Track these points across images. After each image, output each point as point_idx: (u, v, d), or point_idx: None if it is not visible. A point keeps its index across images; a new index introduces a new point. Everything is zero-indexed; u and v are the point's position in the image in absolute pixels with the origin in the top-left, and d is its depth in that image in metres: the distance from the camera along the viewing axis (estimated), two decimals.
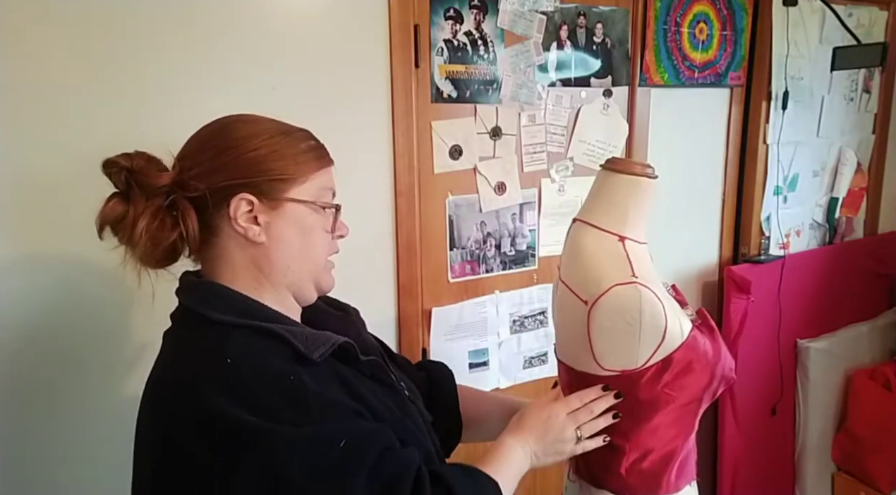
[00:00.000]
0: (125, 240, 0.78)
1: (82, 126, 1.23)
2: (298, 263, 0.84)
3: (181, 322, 0.84)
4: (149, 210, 0.77)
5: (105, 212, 0.78)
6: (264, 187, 0.80)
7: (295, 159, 0.82)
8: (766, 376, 2.33)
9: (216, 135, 0.82)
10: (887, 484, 2.36)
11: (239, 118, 0.84)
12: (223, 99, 1.34)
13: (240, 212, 0.79)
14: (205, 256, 0.84)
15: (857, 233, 2.64)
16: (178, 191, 0.79)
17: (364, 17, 1.49)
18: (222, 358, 0.73)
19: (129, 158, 0.79)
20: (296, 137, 0.84)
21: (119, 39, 1.24)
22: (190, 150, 0.82)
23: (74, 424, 1.29)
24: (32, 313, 1.23)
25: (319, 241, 0.85)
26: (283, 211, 0.81)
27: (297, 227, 0.83)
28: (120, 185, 0.79)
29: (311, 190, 0.83)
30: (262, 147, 0.80)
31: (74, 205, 1.24)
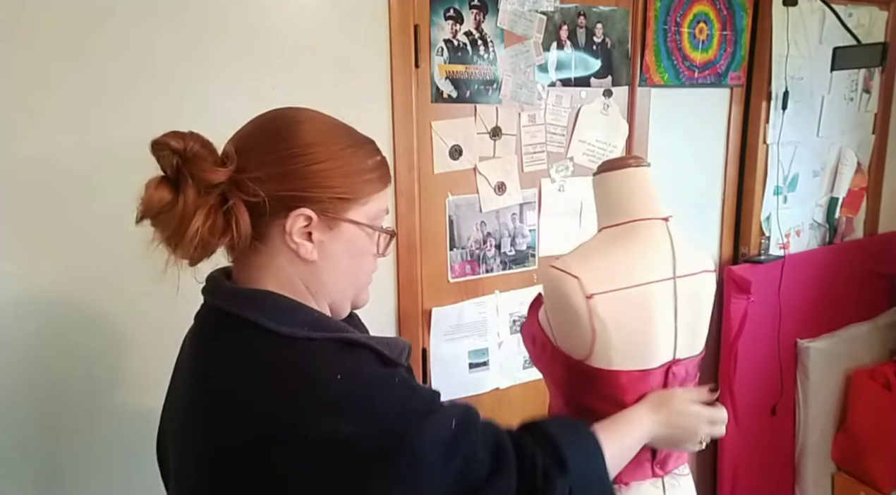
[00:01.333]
0: (170, 232, 0.70)
1: (82, 126, 1.23)
2: (344, 284, 0.80)
3: (228, 330, 0.74)
4: (203, 208, 0.69)
5: (152, 198, 0.69)
6: (326, 205, 0.74)
7: (361, 177, 0.76)
8: (766, 376, 2.33)
9: (281, 135, 0.74)
10: (887, 484, 2.36)
11: (307, 118, 0.78)
12: (223, 98, 1.34)
13: (296, 228, 0.73)
14: (247, 261, 0.77)
15: (857, 233, 2.64)
16: (236, 192, 0.71)
17: (364, 17, 1.49)
18: (330, 375, 0.69)
19: (183, 140, 0.70)
20: (364, 151, 0.78)
21: (119, 39, 1.24)
22: (250, 146, 0.74)
23: (82, 428, 1.29)
24: (35, 312, 1.23)
25: (367, 263, 0.82)
26: (339, 231, 0.76)
27: (349, 248, 0.78)
28: (169, 171, 0.70)
29: (371, 211, 0.79)
30: (330, 159, 0.74)
31: (76, 203, 1.24)
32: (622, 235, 1.05)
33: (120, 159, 1.27)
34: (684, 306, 1.03)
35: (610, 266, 1.00)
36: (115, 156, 1.26)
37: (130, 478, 1.33)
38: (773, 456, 2.43)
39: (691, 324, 1.05)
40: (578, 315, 0.97)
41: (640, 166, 1.09)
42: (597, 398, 1.02)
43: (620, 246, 1.03)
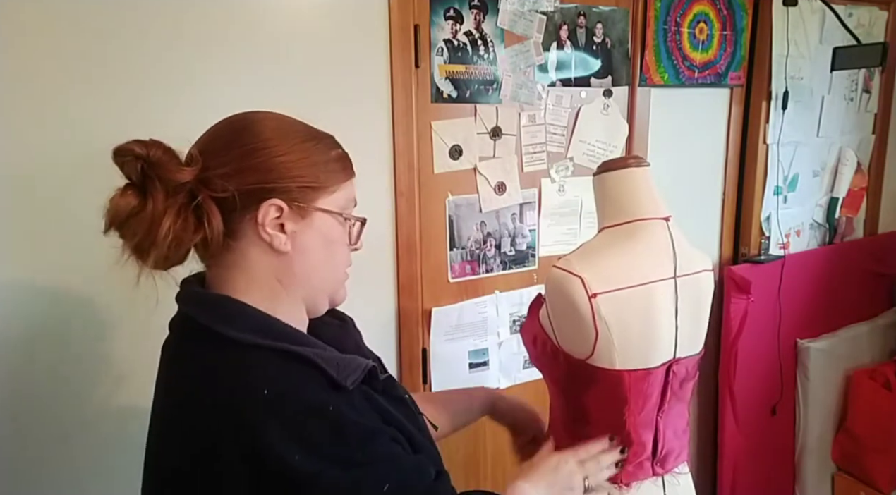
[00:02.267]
0: (140, 238, 0.70)
1: (82, 125, 1.23)
2: (319, 275, 0.80)
3: (190, 336, 0.77)
4: (172, 207, 0.70)
5: (118, 204, 0.70)
6: (295, 194, 0.75)
7: (326, 167, 0.78)
8: (766, 376, 2.33)
9: (243, 132, 0.77)
10: (887, 484, 2.36)
11: (265, 116, 0.80)
12: (223, 98, 1.34)
13: (268, 219, 0.74)
14: (219, 261, 0.77)
15: (857, 233, 2.64)
16: (203, 190, 0.72)
17: (364, 17, 1.49)
18: (258, 388, 0.68)
19: (145, 147, 0.71)
20: (325, 144, 0.80)
21: (119, 39, 1.24)
22: (214, 146, 0.76)
23: (71, 432, 1.29)
24: (29, 315, 1.23)
25: (341, 254, 0.83)
26: (310, 220, 0.77)
27: (322, 239, 0.79)
28: (134, 176, 0.72)
29: (339, 201, 0.80)
30: (293, 151, 0.76)
31: (71, 204, 1.24)
32: (624, 235, 1.05)
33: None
34: (685, 305, 1.04)
35: (613, 265, 1.00)
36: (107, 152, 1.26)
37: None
38: (773, 456, 2.43)
39: (692, 323, 1.05)
40: (581, 314, 0.97)
41: (641, 166, 1.09)
42: (598, 398, 1.02)
43: (623, 245, 1.03)
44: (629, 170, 1.09)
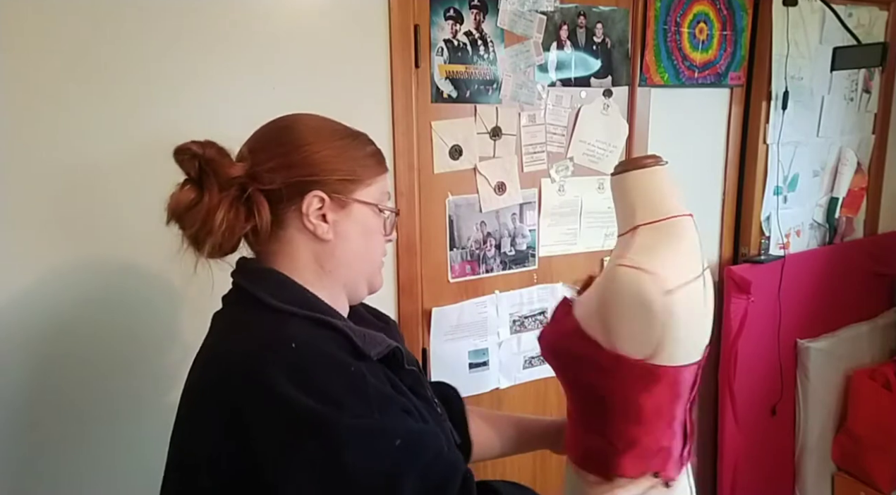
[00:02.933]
0: (197, 228, 0.78)
1: (82, 124, 1.23)
2: (358, 262, 0.88)
3: (235, 301, 0.85)
4: (226, 200, 0.79)
5: (178, 198, 0.79)
6: (336, 186, 0.83)
7: (362, 162, 0.86)
8: (766, 376, 2.33)
9: (286, 131, 0.85)
10: (887, 484, 2.36)
11: (306, 117, 0.88)
12: (223, 98, 1.34)
13: (311, 209, 0.82)
14: (267, 248, 0.85)
15: (857, 233, 2.64)
16: (253, 183, 0.80)
17: (364, 17, 1.49)
18: (287, 341, 0.74)
19: (201, 146, 0.80)
20: (360, 141, 0.88)
21: (119, 38, 1.24)
22: (260, 145, 0.85)
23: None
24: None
25: (377, 243, 0.90)
26: (350, 210, 0.85)
27: (360, 228, 0.86)
28: (192, 172, 0.80)
29: (375, 193, 0.87)
30: (331, 147, 0.84)
31: (82, 203, 1.24)
32: (666, 232, 1.05)
33: (119, 156, 1.27)
34: (709, 299, 1.05)
35: (672, 260, 1.00)
36: (113, 154, 1.26)
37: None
38: (773, 456, 2.43)
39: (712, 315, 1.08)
40: (652, 312, 0.95)
41: (663, 164, 1.11)
42: (655, 397, 1.01)
43: (671, 241, 1.04)
44: (658, 168, 1.09)
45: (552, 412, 1.96)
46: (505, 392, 1.86)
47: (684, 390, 1.01)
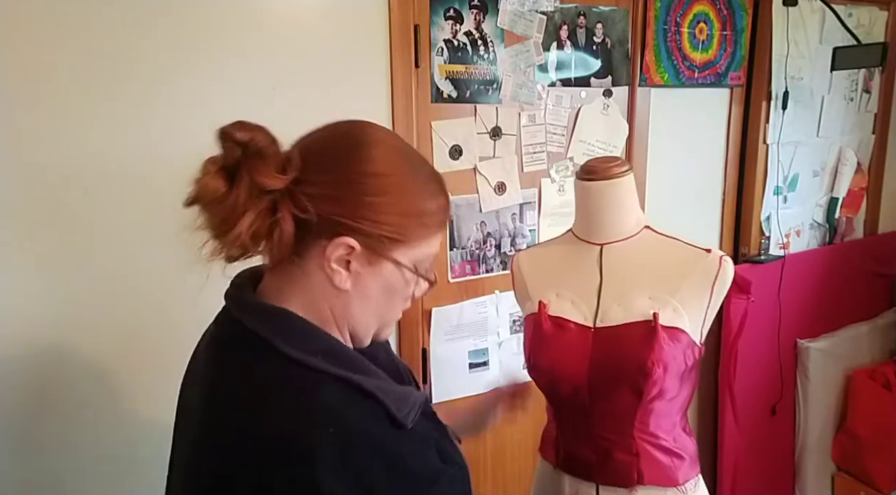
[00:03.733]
0: (217, 223, 0.67)
1: (83, 124, 1.23)
2: (371, 318, 0.77)
3: (246, 347, 0.71)
4: (252, 210, 0.66)
5: (207, 185, 0.66)
6: (373, 240, 0.70)
7: (418, 220, 0.73)
8: (766, 376, 2.33)
9: (351, 155, 0.71)
10: (887, 484, 2.36)
11: (378, 141, 0.73)
12: (223, 97, 1.34)
13: (336, 255, 0.69)
14: (282, 270, 0.73)
15: (857, 233, 2.64)
16: (287, 203, 0.68)
17: (364, 17, 1.49)
18: (326, 419, 0.64)
19: (250, 132, 0.67)
20: (429, 191, 0.74)
21: (120, 38, 1.24)
22: (314, 158, 0.70)
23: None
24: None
25: (399, 303, 0.78)
26: (378, 267, 0.72)
27: (384, 287, 0.74)
28: (230, 160, 0.67)
29: (417, 255, 0.74)
30: (391, 192, 0.70)
31: (81, 205, 1.24)
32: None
33: (117, 157, 1.27)
34: None
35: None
36: (112, 155, 1.26)
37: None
38: (773, 456, 2.43)
39: None
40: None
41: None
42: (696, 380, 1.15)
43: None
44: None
45: None
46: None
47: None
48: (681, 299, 1.06)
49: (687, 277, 1.08)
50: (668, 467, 1.10)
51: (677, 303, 1.06)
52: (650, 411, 1.06)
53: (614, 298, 1.09)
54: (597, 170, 1.13)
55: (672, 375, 1.04)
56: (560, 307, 1.12)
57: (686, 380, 1.09)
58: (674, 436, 1.11)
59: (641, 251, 1.12)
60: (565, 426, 1.16)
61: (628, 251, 1.12)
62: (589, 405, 1.09)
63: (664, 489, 1.10)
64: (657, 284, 1.08)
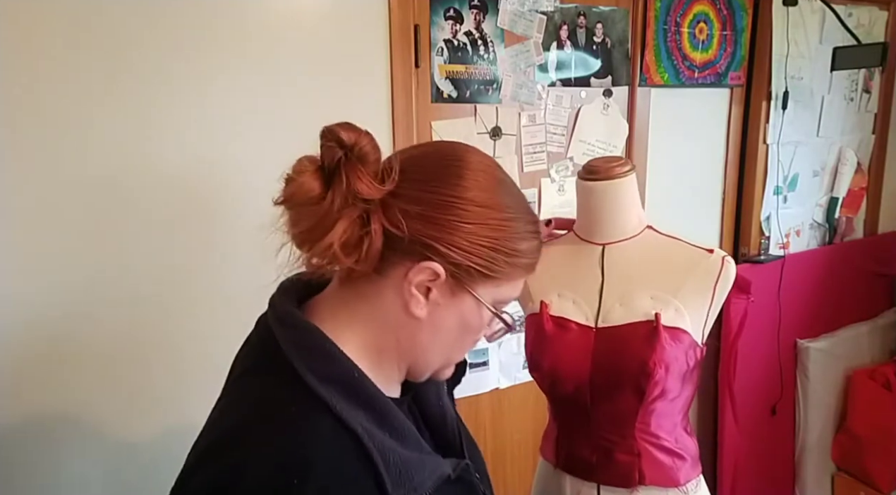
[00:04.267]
0: (308, 230, 0.63)
1: (83, 123, 1.23)
2: (437, 354, 0.71)
3: (265, 356, 0.66)
4: (346, 219, 0.62)
5: (302, 185, 0.62)
6: (461, 270, 0.65)
7: (509, 258, 0.67)
8: (766, 376, 2.33)
9: (450, 176, 0.66)
10: (887, 484, 2.36)
11: (482, 167, 0.69)
12: (223, 98, 1.34)
13: (418, 278, 0.64)
14: (354, 282, 0.68)
15: (857, 233, 2.64)
16: (380, 214, 0.64)
17: (364, 17, 1.49)
18: (295, 470, 0.57)
19: (356, 134, 0.63)
20: (526, 230, 0.70)
21: (118, 37, 1.24)
22: (414, 173, 0.66)
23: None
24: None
25: (469, 342, 0.73)
26: (459, 300, 0.67)
27: (460, 321, 0.69)
28: (328, 161, 0.63)
29: (500, 295, 0.70)
30: (488, 223, 0.66)
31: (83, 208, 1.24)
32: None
33: (118, 156, 1.27)
34: None
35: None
36: (112, 154, 1.26)
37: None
38: (773, 456, 2.43)
39: None
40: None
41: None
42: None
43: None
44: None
45: None
46: (505, 392, 1.86)
47: None
48: (683, 299, 1.06)
49: (689, 278, 1.08)
50: (670, 467, 1.10)
51: (679, 304, 1.05)
52: (652, 411, 1.06)
53: (616, 298, 1.09)
54: (599, 169, 1.13)
55: (674, 376, 1.04)
56: (562, 307, 1.12)
57: (688, 381, 1.08)
58: (675, 437, 1.11)
59: (643, 251, 1.12)
60: (566, 426, 1.16)
61: (630, 251, 1.12)
62: (590, 405, 1.09)
63: (665, 489, 1.09)
64: (659, 284, 1.08)
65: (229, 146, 1.36)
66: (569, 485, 1.16)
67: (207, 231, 1.35)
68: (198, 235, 1.35)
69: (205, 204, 1.35)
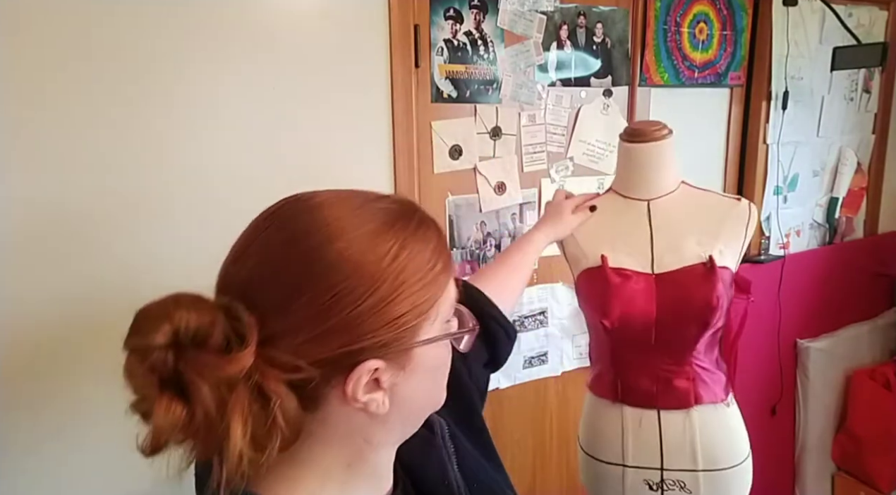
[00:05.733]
0: (206, 452, 0.49)
1: (84, 123, 1.23)
2: (423, 409, 0.63)
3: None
4: (236, 408, 0.47)
5: (161, 420, 0.47)
6: (394, 345, 0.54)
7: (423, 286, 0.55)
8: (766, 376, 2.33)
9: (311, 271, 0.52)
10: (887, 484, 2.36)
11: (336, 230, 0.53)
12: (222, 98, 1.34)
13: (361, 386, 0.53)
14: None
15: (857, 233, 2.64)
16: (267, 370, 0.49)
17: (364, 17, 1.49)
18: None
19: (168, 320, 0.47)
20: (420, 242, 0.57)
21: (118, 37, 1.24)
22: (270, 300, 0.52)
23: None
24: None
25: (446, 372, 0.63)
26: (412, 363, 0.56)
27: (427, 373, 0.59)
28: (164, 372, 0.47)
29: (443, 314, 0.58)
30: (383, 280, 0.52)
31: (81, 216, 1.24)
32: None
33: (117, 156, 1.27)
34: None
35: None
36: (111, 154, 1.26)
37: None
38: (773, 457, 2.43)
39: None
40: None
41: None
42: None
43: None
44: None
45: (552, 412, 1.96)
46: (505, 392, 1.86)
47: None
48: (724, 241, 1.23)
49: (725, 222, 1.25)
50: (715, 386, 1.28)
51: (722, 246, 1.22)
52: (703, 341, 1.23)
53: (666, 247, 1.24)
54: (644, 132, 1.26)
55: (725, 307, 1.23)
56: (618, 259, 1.24)
57: (726, 313, 1.26)
58: (714, 360, 1.31)
59: (683, 203, 1.27)
60: (626, 363, 1.28)
61: (672, 204, 1.27)
62: (654, 341, 1.22)
63: (715, 405, 1.27)
64: (702, 231, 1.24)
65: (230, 146, 1.36)
66: (629, 415, 1.29)
67: (211, 231, 1.35)
68: (201, 235, 1.35)
69: (206, 204, 1.35)
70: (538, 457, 1.96)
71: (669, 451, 1.27)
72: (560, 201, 1.31)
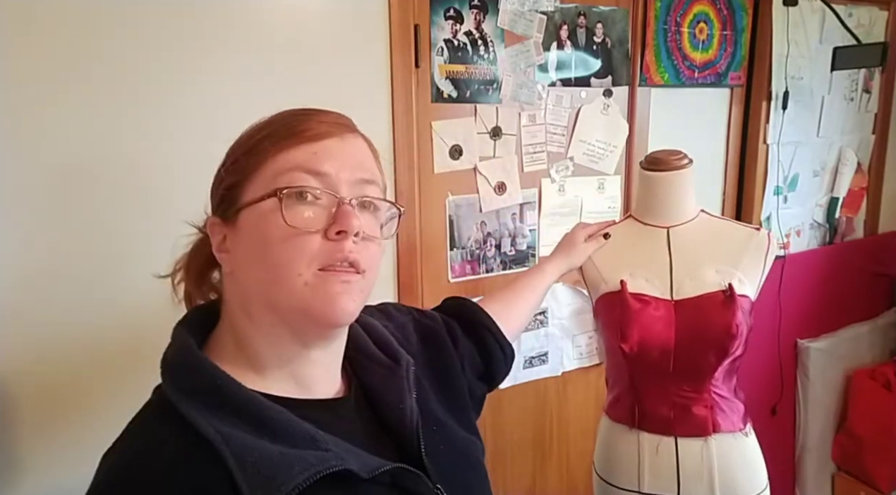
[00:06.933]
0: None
1: (83, 121, 1.23)
2: (263, 288, 0.63)
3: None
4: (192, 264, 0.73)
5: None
6: (223, 203, 0.66)
7: (251, 150, 0.66)
8: (766, 376, 2.33)
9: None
10: (887, 484, 2.36)
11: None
12: (222, 97, 1.34)
13: (215, 243, 0.67)
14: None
15: (857, 233, 2.64)
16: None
17: (364, 17, 1.49)
18: (136, 474, 0.56)
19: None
20: (263, 123, 0.70)
21: (118, 37, 1.24)
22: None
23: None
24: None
25: (280, 244, 0.62)
26: (239, 224, 0.64)
27: (253, 241, 0.63)
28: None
29: (265, 181, 0.63)
30: (228, 155, 0.69)
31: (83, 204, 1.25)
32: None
33: (117, 157, 1.27)
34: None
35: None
36: (114, 152, 1.26)
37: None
38: (773, 457, 2.42)
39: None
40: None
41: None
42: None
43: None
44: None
45: (552, 412, 1.96)
46: (505, 392, 1.86)
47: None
48: (743, 270, 1.23)
49: (744, 252, 1.25)
50: (734, 415, 1.29)
51: (741, 274, 1.22)
52: (722, 369, 1.24)
53: (685, 274, 1.25)
54: (664, 161, 1.28)
55: (745, 335, 1.23)
56: (637, 284, 1.25)
57: (746, 341, 1.25)
58: (733, 389, 1.32)
59: (702, 231, 1.29)
60: (644, 389, 1.28)
61: (692, 232, 1.29)
62: (672, 368, 1.22)
63: (733, 434, 1.28)
64: (721, 259, 1.25)
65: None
66: (646, 441, 1.28)
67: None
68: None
69: (206, 206, 1.35)
70: (538, 457, 1.96)
71: (687, 479, 1.26)
72: (574, 230, 1.34)
